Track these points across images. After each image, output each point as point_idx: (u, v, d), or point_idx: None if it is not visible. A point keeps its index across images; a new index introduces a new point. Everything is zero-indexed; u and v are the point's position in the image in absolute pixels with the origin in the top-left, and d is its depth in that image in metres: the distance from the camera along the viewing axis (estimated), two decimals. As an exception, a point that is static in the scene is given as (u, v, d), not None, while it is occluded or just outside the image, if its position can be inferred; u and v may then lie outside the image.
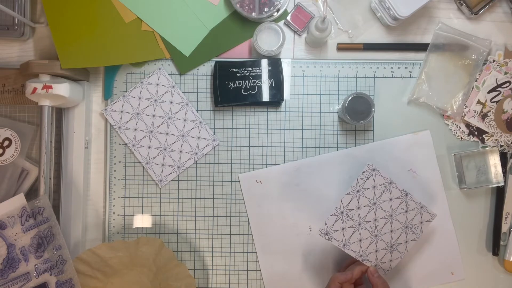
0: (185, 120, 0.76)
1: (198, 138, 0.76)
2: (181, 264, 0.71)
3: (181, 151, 0.76)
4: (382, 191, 0.68)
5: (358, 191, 0.68)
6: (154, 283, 0.72)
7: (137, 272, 0.72)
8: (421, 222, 0.70)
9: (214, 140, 0.76)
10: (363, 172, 0.67)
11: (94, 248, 0.70)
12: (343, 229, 0.68)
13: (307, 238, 0.75)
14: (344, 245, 0.68)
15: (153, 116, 0.75)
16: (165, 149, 0.75)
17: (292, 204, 0.75)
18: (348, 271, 0.68)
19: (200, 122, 0.76)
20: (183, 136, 0.76)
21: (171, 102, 0.76)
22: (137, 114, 0.75)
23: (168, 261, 0.71)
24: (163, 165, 0.75)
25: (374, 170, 0.68)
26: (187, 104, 0.76)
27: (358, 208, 0.68)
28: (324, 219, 0.68)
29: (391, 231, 0.69)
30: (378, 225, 0.69)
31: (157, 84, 0.76)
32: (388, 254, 0.69)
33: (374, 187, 0.68)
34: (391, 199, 0.68)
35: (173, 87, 0.76)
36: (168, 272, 0.71)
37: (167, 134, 0.76)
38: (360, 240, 0.68)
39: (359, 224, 0.68)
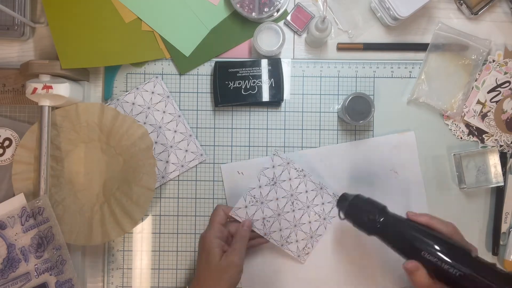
0: (175, 131, 0.75)
1: (186, 151, 0.75)
2: (127, 117, 0.71)
3: (167, 162, 0.75)
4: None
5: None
6: (108, 151, 0.71)
7: (87, 146, 0.71)
8: (323, 203, 0.73)
9: (201, 155, 0.75)
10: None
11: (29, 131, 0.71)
12: (245, 206, 0.70)
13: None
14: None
15: (144, 123, 0.75)
16: None
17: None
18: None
19: (190, 135, 0.75)
20: (171, 147, 0.75)
21: (164, 112, 0.75)
22: None
23: (114, 120, 0.71)
24: None
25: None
26: (179, 116, 0.75)
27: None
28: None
29: (293, 211, 0.72)
30: (279, 205, 0.72)
31: (152, 92, 0.75)
32: (293, 234, 0.72)
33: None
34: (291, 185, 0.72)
35: (168, 97, 0.75)
36: (118, 133, 0.71)
37: (155, 143, 0.75)
38: (264, 219, 0.71)
39: (262, 203, 0.71)
